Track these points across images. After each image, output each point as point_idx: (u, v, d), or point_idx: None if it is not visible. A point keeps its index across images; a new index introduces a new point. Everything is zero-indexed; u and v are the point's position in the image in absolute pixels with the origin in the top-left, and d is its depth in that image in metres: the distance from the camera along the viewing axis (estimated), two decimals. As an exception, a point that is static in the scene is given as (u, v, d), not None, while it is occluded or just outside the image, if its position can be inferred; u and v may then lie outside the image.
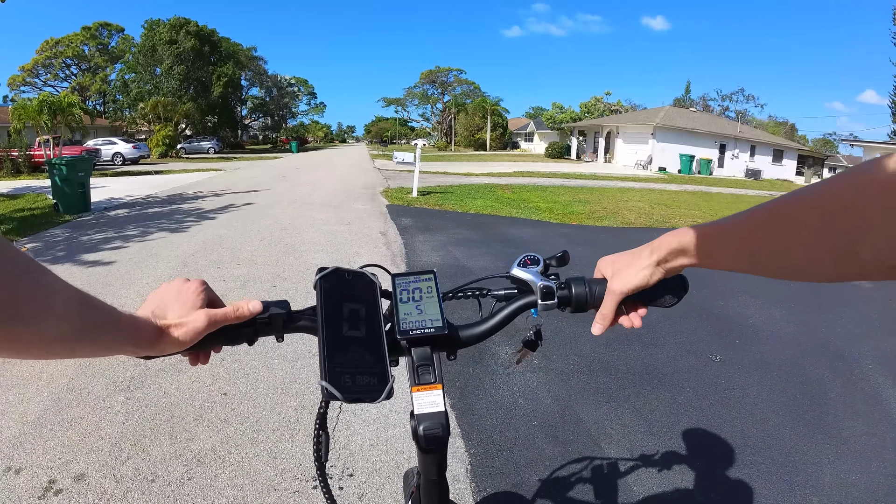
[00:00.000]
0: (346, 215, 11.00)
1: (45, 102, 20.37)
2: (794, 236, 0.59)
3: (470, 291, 1.01)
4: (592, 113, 55.37)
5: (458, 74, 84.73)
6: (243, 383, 3.71)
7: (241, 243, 8.07)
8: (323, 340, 0.74)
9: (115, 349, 0.66)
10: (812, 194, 0.59)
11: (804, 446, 3.19)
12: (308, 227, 9.44)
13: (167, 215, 11.03)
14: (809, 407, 3.67)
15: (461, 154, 54.86)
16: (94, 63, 57.76)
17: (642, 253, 0.84)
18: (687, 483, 2.78)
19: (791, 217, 0.61)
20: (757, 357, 4.49)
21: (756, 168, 37.73)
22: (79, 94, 53.06)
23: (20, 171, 22.15)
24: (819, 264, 0.58)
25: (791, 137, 58.68)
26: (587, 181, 23.12)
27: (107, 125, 46.64)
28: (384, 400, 0.73)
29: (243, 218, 10.58)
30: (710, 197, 19.92)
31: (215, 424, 3.21)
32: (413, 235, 8.99)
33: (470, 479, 2.75)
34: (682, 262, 0.80)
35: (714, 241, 0.74)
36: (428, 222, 10.39)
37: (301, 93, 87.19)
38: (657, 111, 41.70)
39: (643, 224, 11.84)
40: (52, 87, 55.92)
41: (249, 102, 73.74)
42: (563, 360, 4.21)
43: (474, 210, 12.53)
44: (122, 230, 9.20)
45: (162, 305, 0.75)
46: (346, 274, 0.83)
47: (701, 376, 4.06)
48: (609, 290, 0.86)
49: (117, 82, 52.84)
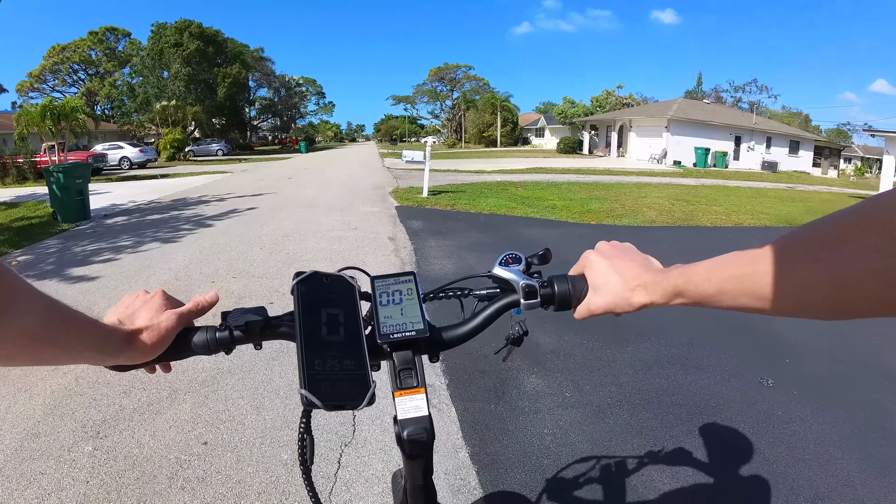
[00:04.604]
0: (353, 219, 10.46)
1: (48, 108, 20.14)
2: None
3: (451, 292, 0.99)
4: (604, 107, 54.59)
5: (467, 71, 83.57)
6: (227, 428, 3.19)
7: (239, 253, 7.57)
8: (301, 347, 0.72)
9: (83, 355, 0.66)
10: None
11: (878, 494, 2.67)
12: (312, 234, 8.91)
13: (166, 222, 10.56)
14: (877, 442, 3.12)
15: (472, 151, 54.11)
16: (102, 68, 57.66)
17: (636, 289, 0.78)
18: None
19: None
20: (811, 379, 3.93)
21: (772, 160, 36.82)
22: (87, 98, 53.24)
23: (26, 178, 22.04)
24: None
25: (805, 128, 57.56)
26: (602, 177, 22.44)
27: (115, 129, 46.59)
28: (366, 406, 0.70)
29: (245, 224, 10.07)
30: (730, 191, 19.25)
31: (191, 485, 2.69)
32: (424, 240, 8.45)
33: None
34: (677, 303, 0.73)
35: (717, 278, 0.66)
36: (439, 225, 9.84)
37: (309, 93, 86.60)
38: (670, 103, 40.81)
39: (665, 222, 11.23)
40: (61, 92, 56.06)
41: (258, 103, 73.40)
42: (597, 392, 3.66)
43: (487, 210, 11.95)
44: (117, 240, 8.74)
45: (127, 313, 0.75)
46: (323, 277, 0.81)
47: (754, 406, 3.50)
48: (586, 303, 0.84)
49: (123, 86, 52.55)
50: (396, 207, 12.08)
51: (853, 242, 0.50)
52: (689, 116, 36.13)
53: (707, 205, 14.38)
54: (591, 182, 19.82)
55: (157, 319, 0.74)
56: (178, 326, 0.76)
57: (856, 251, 0.49)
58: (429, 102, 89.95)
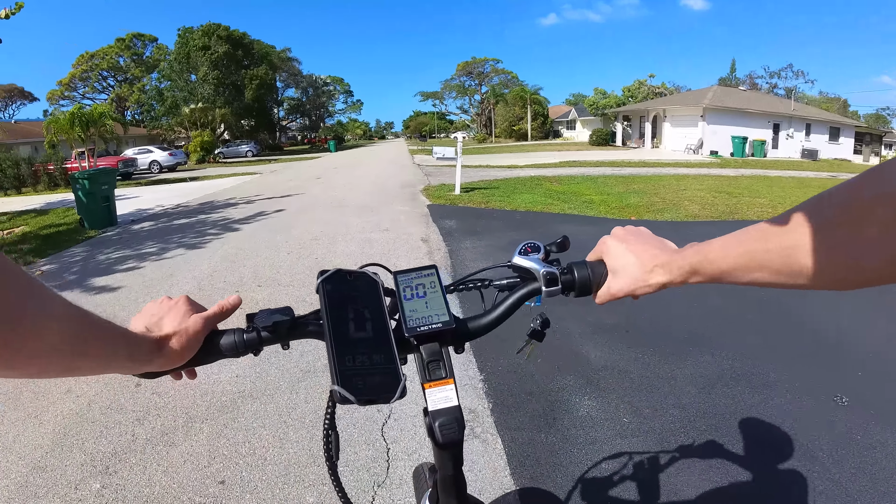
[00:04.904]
0: (383, 219, 10.10)
1: (76, 115, 20.19)
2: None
3: (472, 283, 0.99)
4: (636, 97, 53.52)
5: (494, 65, 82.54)
6: (247, 464, 2.85)
7: (265, 259, 7.26)
8: (331, 344, 0.71)
9: (114, 364, 0.65)
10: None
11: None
12: (342, 237, 8.58)
13: (192, 227, 10.34)
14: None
15: (502, 146, 53.35)
16: (131, 74, 58.29)
17: (654, 269, 0.79)
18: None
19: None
20: (890, 395, 3.47)
21: (812, 148, 35.41)
22: (117, 104, 53.97)
23: (57, 185, 22.32)
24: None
25: (843, 114, 55.71)
26: (638, 169, 21.81)
27: (145, 134, 47.07)
28: (398, 399, 0.69)
29: (272, 227, 9.78)
30: (772, 181, 18.51)
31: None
32: (458, 241, 8.04)
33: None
34: (693, 281, 0.75)
35: (732, 255, 0.67)
36: (474, 224, 9.40)
37: (337, 91, 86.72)
38: (705, 91, 39.71)
39: (709, 216, 10.67)
40: (91, 99, 56.91)
41: (286, 104, 73.72)
42: (657, 415, 3.24)
43: (523, 207, 11.45)
44: (142, 247, 8.54)
45: (153, 320, 0.75)
46: (347, 275, 0.81)
47: (831, 431, 3.05)
48: (607, 287, 0.85)
49: (152, 91, 53.03)
50: (428, 206, 11.68)
51: (868, 213, 0.49)
52: (725, 104, 35.03)
53: (751, 197, 13.76)
54: (628, 175, 19.23)
55: (184, 324, 0.74)
56: (206, 330, 0.76)
57: (871, 220, 0.49)
58: (457, 97, 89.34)
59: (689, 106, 36.25)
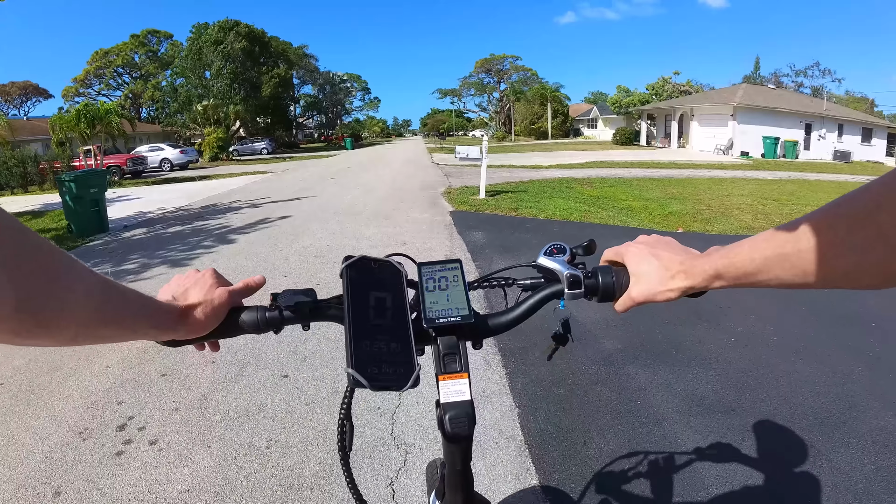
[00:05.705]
0: (401, 229, 8.96)
1: (82, 112, 19.45)
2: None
3: (496, 281, 0.97)
4: (661, 95, 51.93)
5: (513, 62, 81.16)
6: None
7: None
8: (349, 328, 0.69)
9: (140, 332, 0.66)
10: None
11: None
12: (352, 252, 7.40)
13: (185, 237, 9.26)
14: None
15: (523, 144, 51.85)
16: (146, 70, 57.70)
17: (675, 275, 0.76)
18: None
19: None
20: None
21: (845, 149, 33.61)
22: (132, 101, 53.54)
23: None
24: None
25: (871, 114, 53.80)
26: (670, 171, 20.51)
27: (159, 131, 46.49)
28: (410, 388, 0.68)
29: (274, 239, 8.61)
30: (812, 185, 17.25)
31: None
32: (489, 259, 6.82)
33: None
34: (716, 286, 0.72)
35: (760, 257, 0.65)
36: (506, 237, 8.18)
37: (354, 88, 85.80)
38: (734, 90, 38.16)
39: (764, 227, 9.42)
40: (105, 96, 56.51)
41: (302, 101, 72.99)
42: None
43: (559, 215, 10.18)
44: (124, 261, 7.51)
45: (180, 291, 0.75)
46: (372, 262, 0.79)
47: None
48: (628, 293, 0.81)
49: (167, 87, 52.34)
50: (451, 213, 10.51)
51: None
52: (756, 103, 33.47)
53: (801, 204, 12.54)
54: (661, 177, 18.01)
55: (209, 296, 0.75)
56: (230, 303, 0.77)
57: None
58: (476, 95, 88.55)
59: (717, 104, 34.73)
